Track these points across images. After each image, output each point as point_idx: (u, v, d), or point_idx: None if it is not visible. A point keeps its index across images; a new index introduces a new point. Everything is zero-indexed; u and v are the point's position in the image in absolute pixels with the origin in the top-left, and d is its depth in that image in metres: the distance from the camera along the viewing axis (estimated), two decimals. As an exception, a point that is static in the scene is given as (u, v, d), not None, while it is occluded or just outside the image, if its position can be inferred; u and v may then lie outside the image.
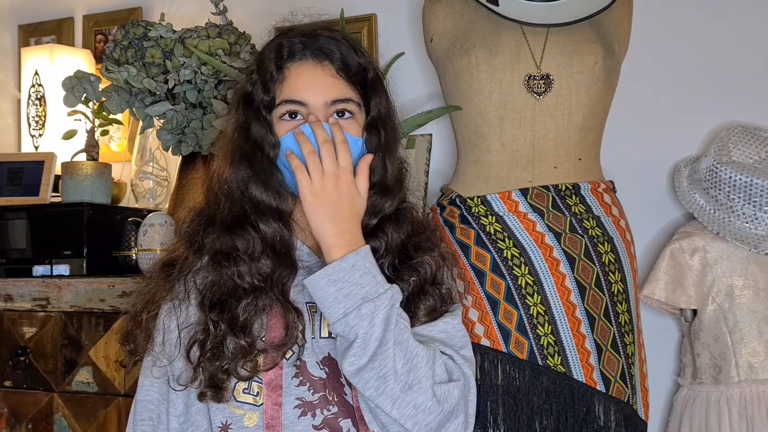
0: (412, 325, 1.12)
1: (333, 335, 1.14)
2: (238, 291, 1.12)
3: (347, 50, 1.16)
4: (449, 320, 1.16)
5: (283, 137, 1.14)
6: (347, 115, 1.15)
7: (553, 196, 1.52)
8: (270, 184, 1.15)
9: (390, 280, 1.13)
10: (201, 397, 1.12)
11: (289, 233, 1.16)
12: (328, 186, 1.09)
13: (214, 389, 1.11)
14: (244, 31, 1.95)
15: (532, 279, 1.48)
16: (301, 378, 1.13)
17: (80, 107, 1.99)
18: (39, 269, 1.89)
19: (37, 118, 2.29)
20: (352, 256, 1.08)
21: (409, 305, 1.14)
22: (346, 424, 1.13)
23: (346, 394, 1.14)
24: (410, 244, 1.19)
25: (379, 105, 1.19)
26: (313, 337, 1.15)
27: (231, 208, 1.16)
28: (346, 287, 1.06)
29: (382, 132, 1.19)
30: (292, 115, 1.14)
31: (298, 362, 1.13)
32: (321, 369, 1.14)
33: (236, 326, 1.11)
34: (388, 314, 1.06)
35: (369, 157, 1.14)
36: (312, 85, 1.14)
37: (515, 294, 1.48)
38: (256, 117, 1.16)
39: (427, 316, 1.15)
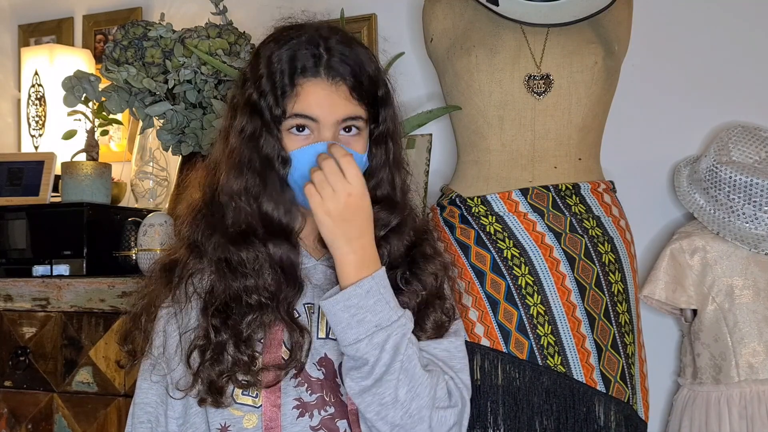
0: (419, 339, 1.13)
1: (332, 337, 1.15)
2: (243, 304, 1.11)
3: (360, 65, 1.14)
4: (453, 340, 1.17)
5: (294, 152, 1.12)
6: (354, 131, 1.14)
7: (553, 196, 1.52)
8: (281, 202, 1.13)
9: (400, 292, 1.13)
10: (201, 403, 1.12)
11: (296, 253, 1.15)
12: (339, 205, 1.07)
13: (214, 395, 1.10)
14: (244, 31, 1.94)
15: (532, 279, 1.48)
16: (299, 378, 1.13)
17: (80, 107, 1.98)
18: (39, 269, 1.89)
19: (37, 118, 2.29)
20: (367, 282, 1.07)
21: (417, 317, 1.14)
22: (342, 424, 1.13)
23: (342, 395, 1.14)
24: (415, 252, 1.19)
25: (388, 119, 1.19)
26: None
27: (236, 221, 1.14)
28: (359, 313, 1.06)
29: (391, 147, 1.19)
30: (300, 128, 1.13)
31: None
32: (318, 370, 1.14)
33: (239, 340, 1.10)
34: (398, 342, 1.07)
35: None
36: (324, 104, 1.12)
37: (515, 294, 1.47)
38: (266, 130, 1.13)
39: (435, 330, 1.15)
